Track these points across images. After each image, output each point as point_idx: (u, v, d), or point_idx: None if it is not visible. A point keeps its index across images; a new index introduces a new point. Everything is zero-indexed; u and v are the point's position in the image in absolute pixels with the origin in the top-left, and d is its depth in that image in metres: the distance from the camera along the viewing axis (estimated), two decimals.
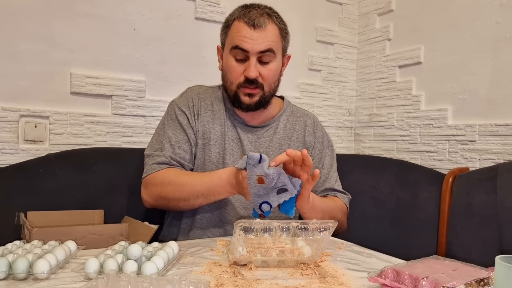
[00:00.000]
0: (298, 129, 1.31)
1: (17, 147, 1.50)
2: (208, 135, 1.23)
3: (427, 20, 1.90)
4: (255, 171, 0.94)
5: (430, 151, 1.86)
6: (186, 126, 1.22)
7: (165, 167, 1.16)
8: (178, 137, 1.21)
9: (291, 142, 1.28)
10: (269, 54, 1.15)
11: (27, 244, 0.88)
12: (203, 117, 1.24)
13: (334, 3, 2.20)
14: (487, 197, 1.37)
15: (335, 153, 1.37)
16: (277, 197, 0.95)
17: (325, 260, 0.90)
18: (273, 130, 1.28)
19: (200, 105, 1.25)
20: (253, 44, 1.13)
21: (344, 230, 1.27)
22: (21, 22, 1.50)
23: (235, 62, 1.16)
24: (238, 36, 1.14)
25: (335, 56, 2.21)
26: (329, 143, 1.36)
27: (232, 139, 1.24)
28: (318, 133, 1.33)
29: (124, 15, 1.68)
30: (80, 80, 1.60)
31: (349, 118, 2.29)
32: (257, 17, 1.14)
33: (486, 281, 0.69)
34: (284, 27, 1.21)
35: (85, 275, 0.74)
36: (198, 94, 1.28)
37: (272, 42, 1.15)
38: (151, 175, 1.16)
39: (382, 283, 0.71)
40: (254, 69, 1.14)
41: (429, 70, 1.89)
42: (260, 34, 1.13)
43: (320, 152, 1.32)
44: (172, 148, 1.19)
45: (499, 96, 1.62)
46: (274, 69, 1.19)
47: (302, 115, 1.35)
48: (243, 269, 0.82)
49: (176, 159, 1.18)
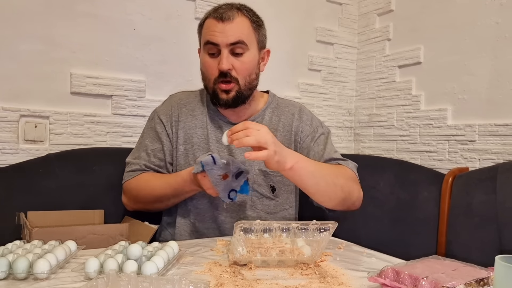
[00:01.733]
0: (283, 119, 1.29)
1: (17, 147, 1.50)
2: (190, 140, 1.25)
3: (427, 20, 1.90)
4: (215, 172, 1.03)
5: (430, 151, 1.86)
6: (162, 135, 1.27)
7: (140, 173, 1.25)
8: (154, 145, 1.27)
9: (277, 133, 1.27)
10: (241, 46, 1.15)
11: (27, 244, 0.88)
12: (184, 123, 1.27)
13: (334, 3, 2.20)
14: (487, 197, 1.37)
15: (328, 129, 1.33)
16: (237, 181, 1.06)
17: (325, 260, 0.90)
18: None
19: (181, 112, 1.28)
20: (222, 37, 1.13)
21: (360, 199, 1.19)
22: (21, 22, 1.50)
23: (209, 58, 1.17)
24: (208, 32, 1.16)
25: (335, 56, 2.21)
26: (319, 123, 1.32)
27: (216, 140, 1.25)
28: (304, 117, 1.30)
29: (124, 15, 1.68)
30: (80, 80, 1.60)
31: (349, 118, 2.29)
32: (225, 12, 1.15)
33: (485, 281, 0.69)
34: (257, 19, 1.21)
35: (85, 275, 0.74)
36: (179, 100, 1.31)
37: (241, 34, 1.15)
38: (127, 182, 1.26)
39: (382, 283, 0.71)
40: (226, 60, 1.14)
41: (429, 70, 1.89)
42: (229, 26, 1.14)
43: (310, 133, 1.28)
44: (148, 157, 1.27)
45: (499, 96, 1.62)
46: (248, 61, 1.18)
47: (287, 105, 1.33)
48: (243, 269, 0.82)
49: (151, 166, 1.26)
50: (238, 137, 0.94)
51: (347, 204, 1.14)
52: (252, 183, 1.22)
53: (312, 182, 1.05)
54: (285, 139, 1.27)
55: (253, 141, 0.93)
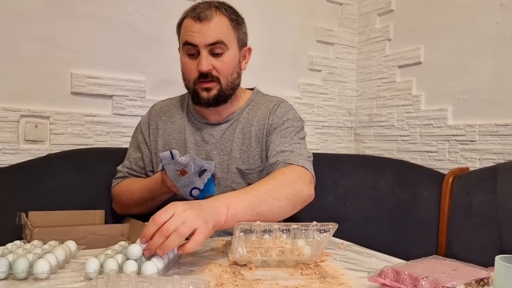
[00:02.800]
0: (259, 113, 1.24)
1: (17, 147, 1.50)
2: (169, 146, 1.26)
3: (427, 20, 1.90)
4: (173, 167, 1.04)
5: (430, 151, 1.86)
6: (141, 144, 1.31)
7: (122, 180, 1.31)
8: (136, 154, 1.32)
9: (252, 127, 1.22)
10: (220, 46, 1.13)
11: (27, 244, 0.88)
12: (163, 130, 1.28)
13: (334, 3, 2.20)
14: (487, 197, 1.37)
15: (301, 127, 1.22)
16: (200, 179, 1.07)
17: (325, 260, 0.90)
18: (237, 122, 1.24)
19: (160, 120, 1.30)
20: (200, 37, 1.11)
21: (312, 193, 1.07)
22: (22, 22, 1.50)
23: (188, 59, 1.16)
24: (186, 32, 1.14)
25: (335, 56, 2.21)
26: (293, 117, 1.22)
27: (194, 143, 1.24)
28: (278, 110, 1.23)
29: (124, 16, 1.68)
30: (80, 80, 1.60)
31: (349, 118, 2.29)
32: (203, 11, 1.13)
33: (486, 281, 0.69)
34: (236, 17, 1.18)
35: (85, 275, 0.74)
36: (159, 109, 1.33)
37: (220, 34, 1.13)
38: (113, 189, 1.34)
39: (382, 283, 0.71)
40: (205, 62, 1.12)
41: (429, 70, 1.89)
42: (207, 26, 1.11)
43: (278, 126, 1.19)
44: (130, 164, 1.32)
45: (499, 96, 1.62)
46: (228, 61, 1.16)
47: (267, 101, 1.27)
48: (243, 269, 0.82)
49: (132, 173, 1.32)
50: (156, 244, 0.75)
51: (298, 207, 1.03)
52: (231, 182, 1.21)
53: (254, 213, 0.91)
54: (259, 133, 1.22)
55: (178, 240, 0.74)
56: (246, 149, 1.22)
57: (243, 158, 1.22)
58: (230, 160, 1.22)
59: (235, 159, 1.22)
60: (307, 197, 1.04)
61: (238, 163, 1.22)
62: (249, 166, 1.22)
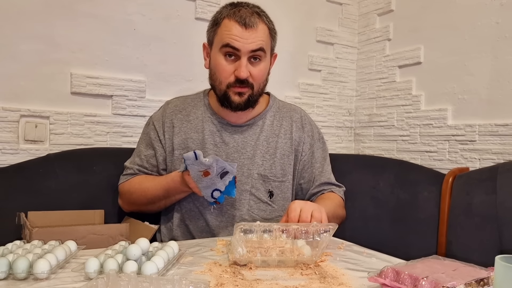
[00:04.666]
0: (285, 125, 1.30)
1: (17, 147, 1.50)
2: (186, 145, 1.25)
3: (427, 20, 1.90)
4: (196, 168, 1.04)
5: (430, 151, 1.86)
6: (154, 141, 1.28)
7: (131, 177, 1.28)
8: (147, 151, 1.29)
9: (278, 139, 1.27)
10: (260, 54, 1.15)
11: (27, 244, 0.88)
12: (179, 129, 1.26)
13: (334, 3, 2.20)
14: (487, 197, 1.37)
15: (326, 145, 1.37)
16: (222, 181, 1.06)
17: (325, 260, 0.90)
18: (259, 127, 1.27)
19: (176, 118, 1.28)
20: (245, 43, 1.12)
21: (344, 220, 1.29)
22: (21, 22, 1.50)
23: (225, 61, 1.16)
24: (229, 35, 1.13)
25: (335, 56, 2.21)
26: (319, 135, 1.35)
27: (214, 144, 1.24)
28: (306, 127, 1.32)
29: (124, 15, 1.68)
30: (80, 80, 1.60)
31: (349, 118, 2.29)
32: (247, 16, 1.13)
33: (486, 281, 0.69)
34: (273, 26, 1.21)
35: (85, 275, 0.74)
36: (175, 107, 1.30)
37: (262, 42, 1.15)
38: (121, 185, 1.30)
39: (382, 283, 0.71)
40: (246, 69, 1.13)
41: (429, 70, 1.89)
42: (252, 33, 1.13)
43: (311, 146, 1.32)
44: (141, 162, 1.29)
45: (499, 96, 1.62)
46: (264, 68, 1.19)
47: (289, 110, 1.34)
48: (243, 269, 0.82)
49: (144, 171, 1.29)
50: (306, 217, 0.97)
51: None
52: (250, 187, 1.22)
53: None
54: (286, 146, 1.28)
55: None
56: (270, 158, 1.25)
57: (265, 165, 1.24)
58: (252, 165, 1.23)
59: (257, 165, 1.23)
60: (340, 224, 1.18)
61: (260, 169, 1.23)
62: (272, 174, 1.24)
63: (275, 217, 1.26)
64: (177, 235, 1.25)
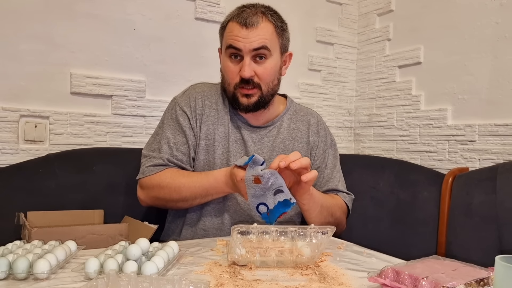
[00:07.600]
0: (302, 129, 1.30)
1: (17, 147, 1.50)
2: (212, 136, 1.22)
3: (427, 20, 1.90)
4: (251, 172, 0.97)
5: (429, 151, 1.86)
6: (186, 128, 1.21)
7: (162, 169, 1.17)
8: (177, 138, 1.20)
9: (295, 142, 1.27)
10: (264, 52, 1.14)
11: (27, 244, 0.88)
12: (208, 117, 1.22)
13: (334, 3, 2.20)
14: (486, 197, 1.37)
15: (338, 152, 1.36)
16: (273, 198, 0.96)
17: (325, 260, 0.90)
18: (276, 130, 1.27)
19: (204, 105, 1.23)
20: (245, 42, 1.12)
21: (343, 229, 1.27)
22: (21, 22, 1.50)
23: (231, 63, 1.16)
24: (231, 36, 1.14)
25: (335, 56, 2.21)
26: (332, 142, 1.35)
27: (235, 140, 1.23)
28: (321, 132, 1.32)
29: (124, 15, 1.68)
30: (80, 80, 1.60)
31: (349, 118, 2.29)
32: (249, 16, 1.13)
33: (486, 281, 0.69)
34: (281, 24, 1.19)
35: (85, 275, 0.74)
36: (202, 92, 1.25)
37: (265, 39, 1.13)
38: (148, 178, 1.17)
39: (382, 283, 0.71)
40: (248, 68, 1.13)
41: (429, 70, 1.89)
42: (252, 32, 1.12)
43: (324, 151, 1.31)
44: (170, 150, 1.19)
45: (499, 96, 1.62)
46: (270, 67, 1.17)
47: (306, 114, 1.33)
48: (243, 269, 0.82)
49: (174, 161, 1.18)
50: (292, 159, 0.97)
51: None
52: None
53: (312, 207, 1.12)
54: (302, 150, 1.27)
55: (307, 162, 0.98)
56: None
57: None
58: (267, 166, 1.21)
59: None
60: (338, 229, 1.14)
61: None
62: None
63: (288, 218, 1.24)
64: (189, 231, 1.22)
